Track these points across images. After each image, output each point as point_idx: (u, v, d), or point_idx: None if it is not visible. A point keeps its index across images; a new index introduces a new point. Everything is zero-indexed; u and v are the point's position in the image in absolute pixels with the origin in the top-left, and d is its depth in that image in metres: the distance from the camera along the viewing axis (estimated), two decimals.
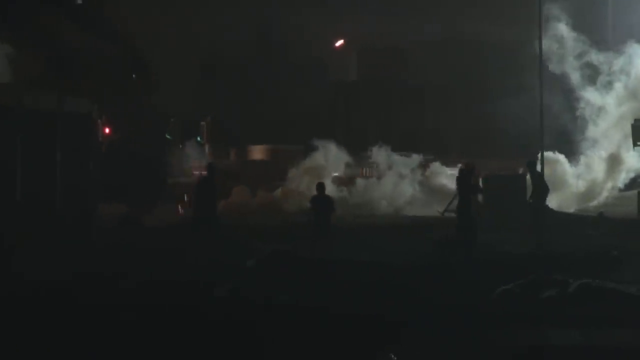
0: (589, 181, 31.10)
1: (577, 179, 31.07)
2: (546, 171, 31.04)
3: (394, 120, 40.85)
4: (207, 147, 37.89)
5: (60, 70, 24.63)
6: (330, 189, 21.78)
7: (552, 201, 29.58)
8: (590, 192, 30.64)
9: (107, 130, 29.28)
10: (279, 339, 10.41)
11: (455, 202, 27.10)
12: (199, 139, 38.83)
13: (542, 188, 20.79)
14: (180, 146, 35.71)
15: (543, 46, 27.25)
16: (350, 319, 11.30)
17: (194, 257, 16.51)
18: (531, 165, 21.36)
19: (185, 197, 26.24)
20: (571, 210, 28.39)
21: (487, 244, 18.45)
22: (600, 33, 32.72)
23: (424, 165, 32.35)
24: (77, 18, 26.76)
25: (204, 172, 18.80)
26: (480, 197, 21.34)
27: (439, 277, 14.52)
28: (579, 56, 31.14)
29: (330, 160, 31.89)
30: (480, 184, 25.54)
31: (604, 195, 30.45)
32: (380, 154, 32.29)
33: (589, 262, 15.67)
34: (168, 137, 38.32)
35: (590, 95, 31.34)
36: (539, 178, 21.12)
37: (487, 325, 11.20)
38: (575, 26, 31.18)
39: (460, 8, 39.81)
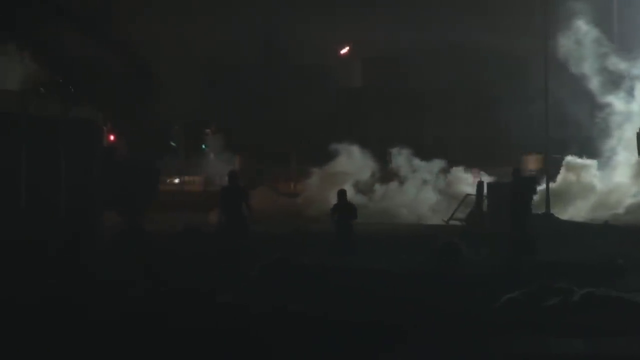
0: (612, 187, 30.76)
1: (602, 185, 30.74)
2: (571, 177, 30.98)
3: (397, 127, 40.80)
4: (211, 155, 37.91)
5: (65, 77, 24.69)
6: (350, 195, 21.28)
7: (576, 208, 29.36)
8: (615, 199, 30.26)
9: (111, 137, 29.35)
10: (282, 346, 10.41)
11: (462, 209, 27.23)
12: (203, 146, 38.89)
13: (522, 196, 20.41)
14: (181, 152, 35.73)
15: (561, 47, 27.23)
16: (353, 326, 11.30)
17: (199, 263, 16.52)
18: (516, 173, 20.90)
19: None
20: (582, 218, 28.03)
21: (491, 250, 18.45)
22: (607, 34, 32.49)
23: (445, 171, 31.82)
24: (81, 26, 26.81)
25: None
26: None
27: (443, 285, 14.51)
28: (599, 58, 30.93)
29: (353, 165, 31.25)
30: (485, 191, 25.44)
31: (628, 201, 30.07)
32: (400, 159, 31.65)
33: (593, 271, 15.63)
34: (172, 144, 38.39)
35: (613, 100, 31.12)
36: (524, 186, 20.81)
37: (491, 332, 11.19)
38: (594, 25, 31.01)
39: (464, 16, 39.81)
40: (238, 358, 10.17)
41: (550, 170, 29.14)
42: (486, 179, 28.19)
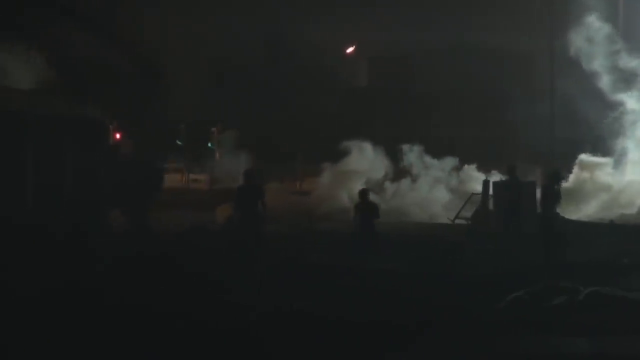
0: (624, 186, 30.51)
1: (615, 184, 30.51)
2: (585, 175, 30.73)
3: (403, 126, 40.65)
4: (217, 153, 37.89)
5: (72, 76, 24.74)
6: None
7: (590, 207, 29.15)
8: (627, 198, 30.00)
9: (117, 136, 29.39)
10: (288, 346, 10.44)
11: (467, 208, 27.15)
12: (210, 144, 38.88)
13: (515, 196, 20.17)
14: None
15: (572, 44, 27.11)
16: (360, 326, 11.33)
17: (204, 261, 16.53)
18: (511, 170, 20.40)
19: None
20: (591, 217, 27.73)
21: (497, 250, 18.47)
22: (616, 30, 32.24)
23: (458, 169, 31.46)
24: (88, 24, 26.88)
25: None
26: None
27: (448, 284, 14.53)
28: (611, 55, 30.72)
29: (365, 163, 30.87)
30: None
31: None
32: (411, 156, 31.30)
33: (599, 270, 15.64)
34: (179, 142, 38.41)
35: (626, 98, 30.92)
36: (517, 185, 20.30)
37: (496, 332, 11.21)
38: (604, 22, 30.81)
39: (472, 15, 39.70)
40: (244, 358, 10.20)
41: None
42: (497, 178, 28.00)
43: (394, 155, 31.63)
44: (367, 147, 30.97)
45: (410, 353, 10.34)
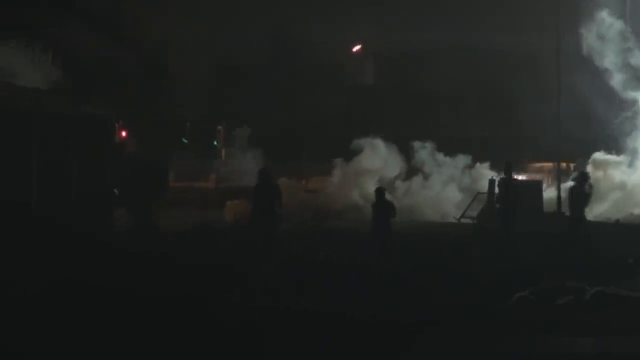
0: (636, 184, 30.28)
1: (630, 183, 30.33)
2: (598, 174, 30.55)
3: (412, 125, 40.58)
4: (223, 152, 37.94)
5: (79, 74, 24.80)
6: (370, 193, 20.66)
7: (602, 206, 28.97)
8: (638, 197, 29.76)
9: (123, 134, 29.47)
10: (293, 345, 10.44)
11: (473, 207, 27.14)
12: (215, 143, 38.94)
13: (512, 195, 19.60)
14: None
15: (585, 41, 27.04)
16: (364, 324, 11.33)
17: (211, 260, 16.53)
18: (508, 168, 19.93)
19: None
20: (603, 217, 27.54)
21: (502, 248, 18.43)
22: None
23: (470, 167, 31.22)
24: (95, 24, 26.94)
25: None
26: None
27: (454, 283, 14.50)
28: (622, 52, 30.52)
29: (379, 161, 30.70)
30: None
31: None
32: (423, 153, 31.01)
33: (604, 270, 15.60)
34: (184, 140, 38.50)
35: (638, 96, 30.72)
36: (513, 184, 19.92)
37: (501, 332, 11.19)
38: (616, 18, 30.66)
39: (477, 16, 39.67)
40: (252, 356, 10.20)
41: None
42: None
43: (405, 153, 31.33)
44: (380, 144, 30.57)
45: (413, 353, 10.32)
